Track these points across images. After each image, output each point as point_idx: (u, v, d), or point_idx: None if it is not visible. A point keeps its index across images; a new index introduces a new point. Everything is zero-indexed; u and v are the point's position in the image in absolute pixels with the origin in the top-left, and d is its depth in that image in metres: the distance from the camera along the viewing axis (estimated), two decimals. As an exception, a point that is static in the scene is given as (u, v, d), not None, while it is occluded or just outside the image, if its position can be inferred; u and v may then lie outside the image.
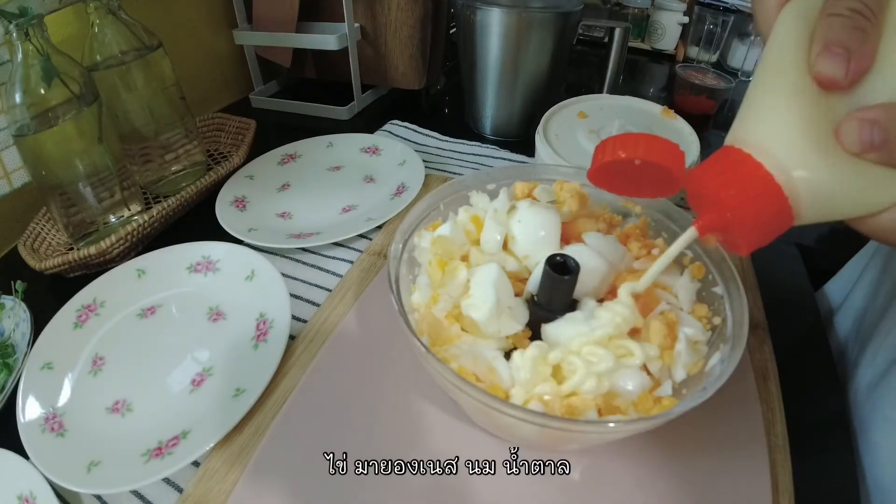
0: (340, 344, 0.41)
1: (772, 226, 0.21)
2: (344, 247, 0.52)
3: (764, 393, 0.36)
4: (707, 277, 0.33)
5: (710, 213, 0.23)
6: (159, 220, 0.52)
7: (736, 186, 0.21)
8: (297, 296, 0.46)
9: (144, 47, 0.54)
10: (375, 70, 0.79)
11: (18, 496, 0.33)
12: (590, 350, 0.27)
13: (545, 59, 0.64)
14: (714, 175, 0.22)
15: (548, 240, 0.33)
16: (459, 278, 0.32)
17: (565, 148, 0.52)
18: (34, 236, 0.53)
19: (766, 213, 0.21)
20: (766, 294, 0.44)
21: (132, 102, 0.55)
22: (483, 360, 0.29)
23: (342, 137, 0.67)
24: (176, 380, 0.39)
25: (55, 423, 0.37)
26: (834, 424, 0.37)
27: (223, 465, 0.33)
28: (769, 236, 0.22)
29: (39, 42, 0.43)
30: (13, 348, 0.42)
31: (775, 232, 0.22)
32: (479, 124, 0.73)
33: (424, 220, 0.36)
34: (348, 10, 0.70)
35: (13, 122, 0.45)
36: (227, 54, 0.82)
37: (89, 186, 0.49)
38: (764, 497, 0.30)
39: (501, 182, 0.38)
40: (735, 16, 0.93)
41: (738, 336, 0.28)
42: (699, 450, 0.33)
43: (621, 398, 0.27)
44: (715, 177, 0.22)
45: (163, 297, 0.46)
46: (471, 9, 0.62)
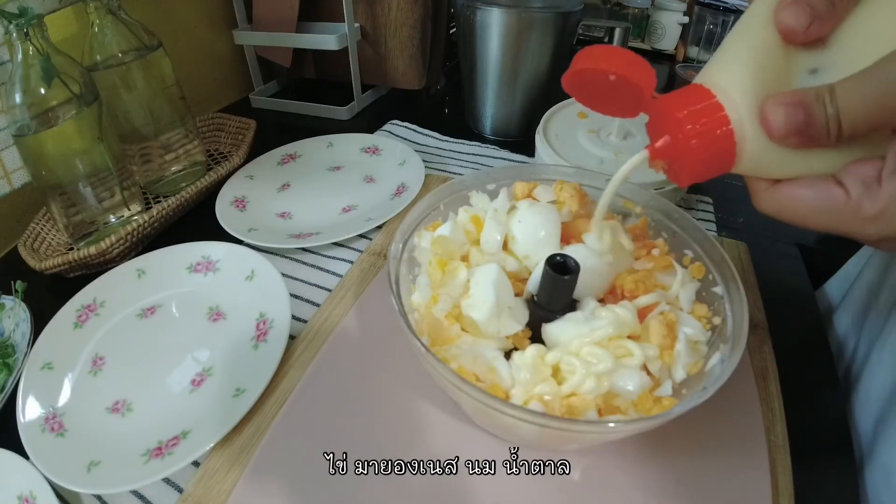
0: (340, 344, 0.41)
1: (715, 163, 0.23)
2: (344, 247, 0.52)
3: (764, 393, 0.36)
4: (707, 277, 0.33)
5: (665, 140, 0.25)
6: (159, 220, 0.52)
7: (695, 118, 0.23)
8: (297, 296, 0.46)
9: (144, 47, 0.54)
10: (375, 70, 0.79)
11: (18, 496, 0.33)
12: (589, 350, 0.27)
13: (545, 59, 0.64)
14: (677, 105, 0.23)
15: (548, 240, 0.33)
16: (459, 278, 0.32)
17: (565, 148, 0.52)
18: (34, 236, 0.53)
19: (714, 148, 0.23)
20: (766, 294, 0.44)
21: (132, 102, 0.55)
22: (483, 360, 0.29)
23: (342, 137, 0.67)
24: (176, 380, 0.39)
25: (55, 423, 0.37)
26: (834, 424, 0.37)
27: (223, 465, 0.33)
28: (709, 173, 0.24)
29: (39, 42, 0.43)
30: (13, 348, 0.42)
31: (715, 171, 0.24)
32: (479, 124, 0.73)
33: (424, 220, 0.36)
34: (348, 10, 0.70)
35: (13, 122, 0.45)
36: (227, 54, 0.82)
37: (89, 186, 0.49)
38: (764, 497, 0.30)
39: (501, 182, 0.38)
40: (735, 16, 0.93)
41: (738, 336, 0.28)
42: (699, 450, 0.33)
43: (621, 398, 0.27)
44: (678, 107, 0.23)
45: (163, 297, 0.46)
46: (471, 9, 0.62)
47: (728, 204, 0.57)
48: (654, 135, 0.26)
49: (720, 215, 0.55)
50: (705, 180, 0.24)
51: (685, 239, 0.35)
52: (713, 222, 0.54)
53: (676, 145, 0.24)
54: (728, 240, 0.50)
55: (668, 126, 0.24)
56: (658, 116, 0.25)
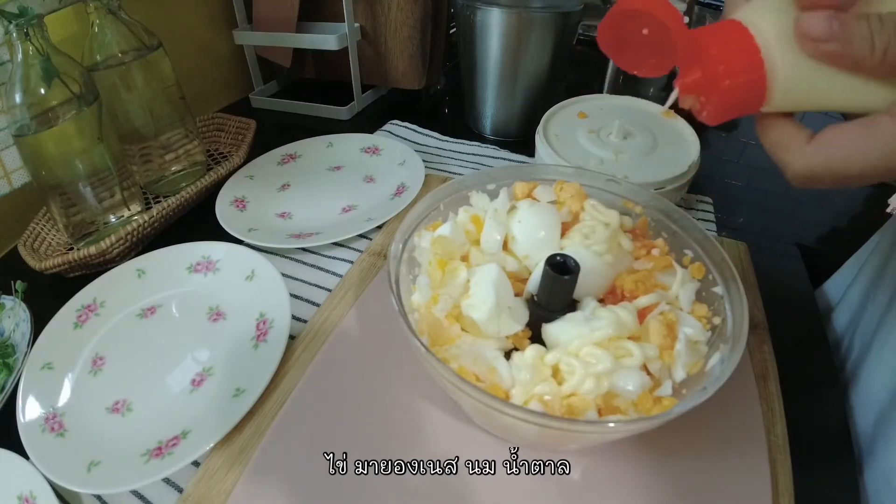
0: (340, 344, 0.41)
1: (745, 98, 0.23)
2: (344, 247, 0.52)
3: (764, 393, 0.36)
4: (707, 277, 0.33)
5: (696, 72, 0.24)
6: (159, 220, 0.52)
7: (726, 48, 0.23)
8: (297, 296, 0.46)
9: (144, 47, 0.54)
10: (375, 70, 0.79)
11: (18, 496, 0.33)
12: (588, 351, 0.27)
13: (545, 59, 0.64)
14: (709, 37, 0.23)
15: (548, 240, 0.33)
16: (459, 278, 0.32)
17: (565, 148, 0.52)
18: (34, 236, 0.53)
19: (745, 81, 0.23)
20: (766, 294, 0.44)
21: (132, 102, 0.55)
22: (483, 360, 0.29)
23: (342, 137, 0.67)
24: (176, 380, 0.39)
25: (55, 423, 0.37)
26: (834, 424, 0.37)
27: (223, 465, 0.33)
28: (739, 110, 0.24)
29: (39, 42, 0.43)
30: (13, 348, 0.42)
31: (744, 107, 0.24)
32: (478, 124, 0.73)
33: (424, 220, 0.36)
34: (348, 10, 0.70)
35: (13, 122, 0.45)
36: (227, 54, 0.82)
37: (89, 186, 0.49)
38: (763, 497, 0.30)
39: (501, 182, 0.38)
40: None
41: (738, 336, 0.28)
42: (699, 450, 0.33)
43: (621, 398, 0.27)
44: (710, 38, 0.23)
45: (163, 297, 0.46)
46: (471, 9, 0.62)
47: (728, 204, 0.57)
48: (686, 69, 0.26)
49: (720, 215, 0.55)
50: (734, 117, 0.24)
51: (685, 239, 0.35)
52: (713, 222, 0.54)
53: (705, 76, 0.24)
54: (728, 240, 0.50)
55: (697, 60, 0.24)
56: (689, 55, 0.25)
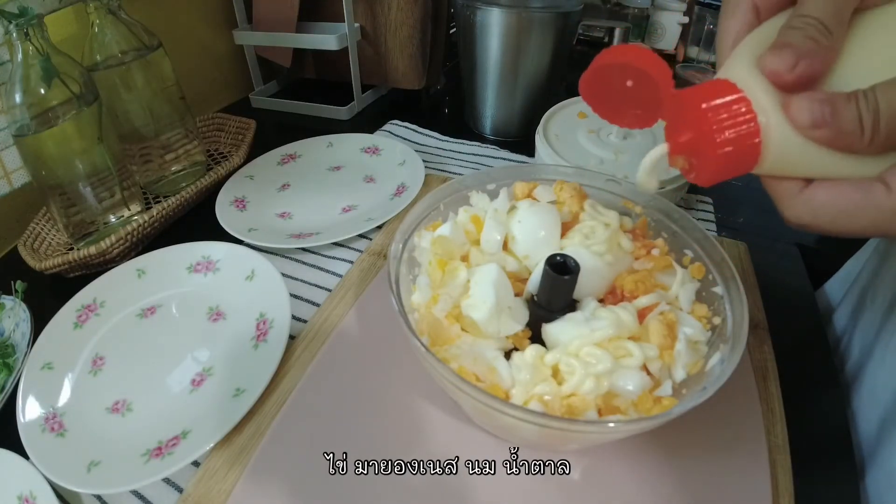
0: (340, 344, 0.41)
1: (738, 163, 0.22)
2: (344, 247, 0.52)
3: (764, 393, 0.36)
4: (707, 277, 0.33)
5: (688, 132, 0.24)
6: (159, 220, 0.52)
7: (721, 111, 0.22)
8: (297, 296, 0.46)
9: (144, 47, 0.54)
10: (375, 70, 0.79)
11: (18, 496, 0.33)
12: (588, 351, 0.27)
13: (545, 59, 0.64)
14: (701, 98, 0.23)
15: (548, 240, 0.33)
16: (459, 278, 0.32)
17: (565, 148, 0.52)
18: (34, 236, 0.53)
19: (740, 145, 0.22)
20: (766, 294, 0.44)
21: (132, 102, 0.55)
22: (483, 360, 0.29)
23: (342, 137, 0.67)
24: (176, 380, 0.39)
25: (55, 423, 0.37)
26: (834, 424, 0.37)
27: (223, 465, 0.33)
28: (730, 174, 0.23)
29: (39, 42, 0.43)
30: (13, 348, 0.42)
31: (735, 172, 0.23)
32: (479, 124, 0.73)
33: (424, 220, 0.36)
34: (348, 10, 0.70)
35: (13, 122, 0.45)
36: (227, 54, 0.82)
37: (89, 186, 0.49)
38: (764, 497, 0.30)
39: (501, 182, 0.38)
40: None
41: (738, 336, 0.28)
42: (699, 450, 0.33)
43: (621, 398, 0.27)
44: (702, 99, 0.23)
45: (163, 297, 0.46)
46: (471, 9, 0.62)
47: (728, 204, 0.57)
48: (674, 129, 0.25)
49: (720, 215, 0.55)
50: (726, 179, 0.23)
51: (685, 239, 0.35)
52: (713, 222, 0.54)
53: (697, 138, 0.23)
54: (728, 240, 0.50)
55: (690, 121, 0.23)
56: (679, 113, 0.24)
